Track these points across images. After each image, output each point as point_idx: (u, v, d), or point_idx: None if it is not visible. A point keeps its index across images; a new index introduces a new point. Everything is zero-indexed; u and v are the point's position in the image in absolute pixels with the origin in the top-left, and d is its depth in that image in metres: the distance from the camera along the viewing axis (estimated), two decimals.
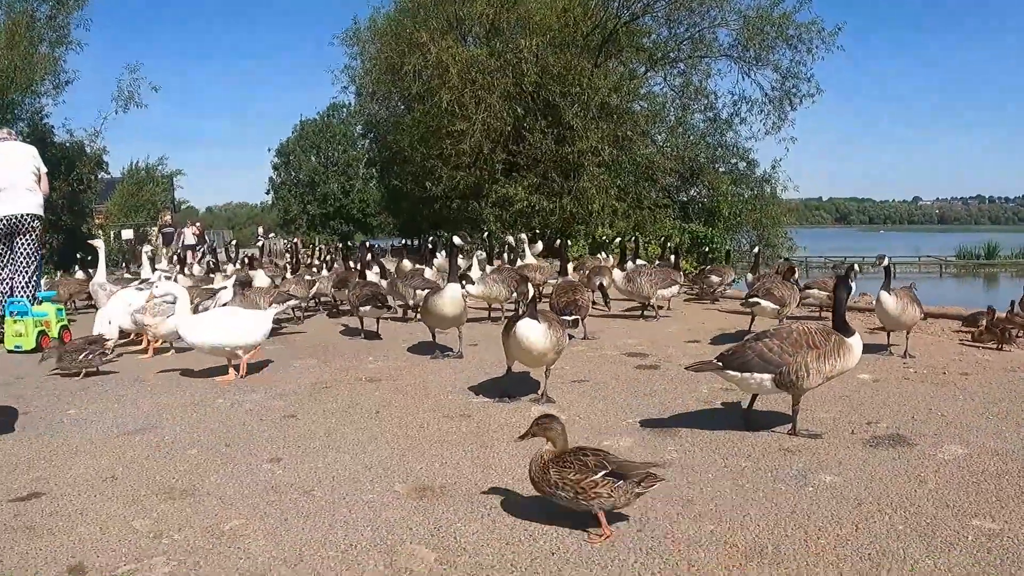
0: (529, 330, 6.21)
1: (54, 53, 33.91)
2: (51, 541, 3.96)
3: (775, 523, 4.07)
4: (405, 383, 7.56)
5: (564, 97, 29.20)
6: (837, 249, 63.90)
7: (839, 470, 4.88)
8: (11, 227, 10.29)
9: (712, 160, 34.84)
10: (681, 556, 3.69)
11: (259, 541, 3.93)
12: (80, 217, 36.16)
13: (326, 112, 65.34)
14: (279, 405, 6.76)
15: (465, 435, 5.76)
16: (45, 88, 34.28)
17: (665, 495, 4.45)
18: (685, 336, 10.28)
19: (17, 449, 5.60)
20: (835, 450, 5.27)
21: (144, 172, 47.70)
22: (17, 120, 31.73)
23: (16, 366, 8.81)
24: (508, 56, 29.65)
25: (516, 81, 29.43)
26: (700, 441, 5.52)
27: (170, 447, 5.59)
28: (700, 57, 34.19)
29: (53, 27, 33.82)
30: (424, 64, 29.71)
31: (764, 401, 6.47)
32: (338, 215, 62.76)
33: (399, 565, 3.64)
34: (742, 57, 33.62)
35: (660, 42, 34.55)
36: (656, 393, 6.99)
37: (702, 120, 35.40)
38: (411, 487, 4.69)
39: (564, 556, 3.70)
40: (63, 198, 32.81)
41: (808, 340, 5.43)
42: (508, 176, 30.63)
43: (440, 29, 30.68)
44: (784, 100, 33.77)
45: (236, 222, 70.52)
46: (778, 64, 33.26)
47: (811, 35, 31.81)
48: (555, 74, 29.31)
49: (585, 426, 5.95)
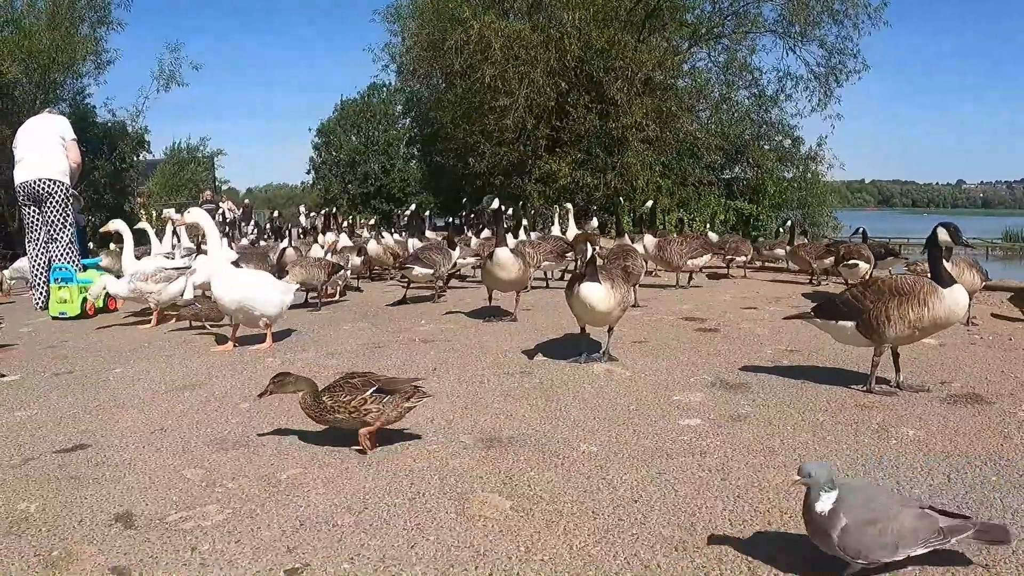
0: (591, 292, 6.03)
1: (95, 33, 33.92)
2: (97, 490, 3.82)
3: (864, 472, 3.90)
4: (460, 344, 7.40)
5: (607, 72, 28.92)
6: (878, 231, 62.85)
7: (920, 425, 4.69)
8: (34, 193, 10.25)
9: (757, 137, 34.35)
10: (771, 503, 3.51)
11: (319, 489, 3.78)
12: (122, 196, 36.28)
13: (367, 92, 65.23)
14: (332, 363, 6.61)
15: (528, 390, 5.59)
16: (87, 68, 34.28)
17: (746, 446, 4.30)
18: (741, 303, 10.06)
19: (61, 405, 5.50)
20: (913, 407, 5.07)
21: (186, 152, 47.86)
22: (59, 100, 31.80)
23: (61, 331, 8.76)
24: (551, 31, 29.41)
25: (559, 56, 29.13)
26: (772, 397, 5.34)
27: (220, 401, 5.48)
28: (744, 32, 33.65)
29: (94, 7, 33.76)
30: (466, 40, 29.43)
31: (839, 355, 6.29)
32: (378, 194, 62.63)
33: (472, 512, 3.48)
34: (787, 32, 33.06)
35: (704, 17, 34.10)
36: (720, 353, 6.80)
37: (747, 97, 34.90)
38: (477, 438, 4.52)
39: (648, 503, 3.53)
40: (105, 177, 32.93)
41: (893, 287, 5.19)
42: (551, 152, 30.41)
43: (482, 4, 30.44)
44: (830, 76, 33.16)
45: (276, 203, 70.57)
46: (824, 40, 32.68)
47: (857, 10, 31.21)
48: (598, 49, 29.03)
49: (651, 382, 5.78)
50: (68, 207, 10.44)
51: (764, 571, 2.92)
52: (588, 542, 3.17)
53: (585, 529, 3.29)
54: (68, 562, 3.01)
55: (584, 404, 5.19)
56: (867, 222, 12.22)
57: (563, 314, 8.67)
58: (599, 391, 5.55)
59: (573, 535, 3.23)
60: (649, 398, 5.34)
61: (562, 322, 8.06)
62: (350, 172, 65.07)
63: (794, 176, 34.44)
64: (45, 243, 10.44)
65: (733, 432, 4.56)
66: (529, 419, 4.89)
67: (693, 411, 5.01)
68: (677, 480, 3.80)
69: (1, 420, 5.15)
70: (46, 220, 10.34)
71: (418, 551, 3.11)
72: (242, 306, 7.18)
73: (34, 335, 8.56)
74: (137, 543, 3.19)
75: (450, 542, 3.18)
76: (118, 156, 35.64)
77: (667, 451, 4.24)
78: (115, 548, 3.16)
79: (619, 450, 4.25)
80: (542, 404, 5.22)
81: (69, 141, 10.72)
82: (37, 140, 10.50)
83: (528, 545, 3.15)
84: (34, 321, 9.53)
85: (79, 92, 35.20)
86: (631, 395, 5.42)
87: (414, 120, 50.22)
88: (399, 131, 62.19)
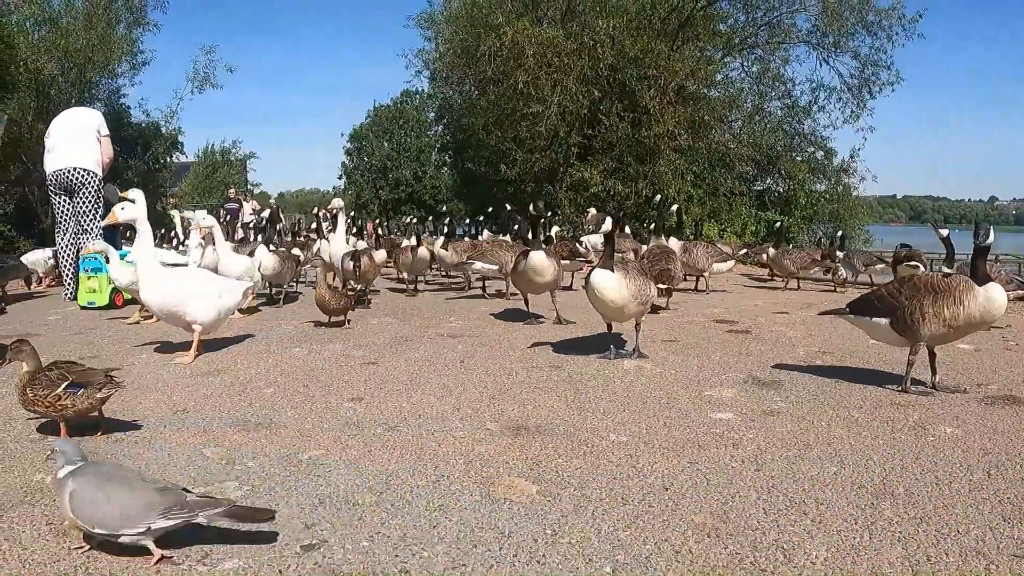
0: (600, 279, 5.92)
1: (131, 34, 34.17)
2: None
3: (901, 467, 3.76)
4: (488, 339, 7.33)
5: (640, 80, 28.78)
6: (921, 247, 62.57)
7: (958, 423, 4.56)
8: (66, 182, 10.20)
9: (789, 148, 34.08)
10: (806, 494, 3.39)
11: (340, 469, 3.70)
12: (155, 196, 36.48)
13: (399, 98, 65.43)
14: (359, 354, 6.55)
15: (556, 382, 5.50)
16: (122, 68, 34.54)
17: (780, 439, 4.19)
18: (772, 308, 9.93)
19: None
20: (950, 407, 4.94)
21: (219, 155, 48.16)
22: (95, 99, 32.02)
23: (89, 320, 8.73)
24: (584, 38, 29.31)
25: (592, 64, 29.03)
26: (806, 394, 5.22)
27: (244, 386, 5.42)
28: (778, 43, 33.41)
29: (130, 8, 34.04)
30: (499, 46, 29.37)
31: (873, 357, 6.18)
32: (410, 200, 62.77)
33: (497, 495, 3.38)
34: (820, 43, 32.78)
35: (737, 27, 33.93)
36: (751, 354, 6.68)
37: (779, 107, 34.62)
38: (504, 426, 4.43)
39: (679, 491, 3.43)
40: (138, 177, 33.13)
41: (929, 284, 5.07)
42: (583, 160, 30.29)
43: (515, 11, 30.41)
44: (863, 88, 32.84)
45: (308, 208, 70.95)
46: (857, 51, 32.37)
47: (891, 21, 30.89)
48: (631, 57, 28.89)
49: (682, 378, 5.68)
50: (100, 198, 10.42)
51: (800, 559, 2.81)
52: (617, 527, 3.06)
53: (614, 515, 3.18)
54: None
55: (614, 397, 5.09)
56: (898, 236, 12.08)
57: (592, 313, 8.59)
58: (629, 385, 5.44)
59: (602, 520, 3.13)
60: (680, 393, 5.23)
61: (591, 320, 7.95)
62: (381, 178, 65.27)
63: (826, 188, 34.19)
64: (76, 234, 10.41)
65: (766, 426, 4.45)
66: (557, 409, 4.79)
67: (725, 406, 4.91)
68: (709, 470, 3.69)
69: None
70: (77, 211, 10.30)
71: (440, 531, 3.01)
72: (171, 311, 6.33)
73: (62, 323, 8.54)
74: None
75: (473, 523, 3.09)
76: (151, 156, 35.88)
77: (699, 442, 4.13)
78: None
79: (649, 440, 4.14)
80: (571, 396, 5.12)
81: (103, 136, 10.72)
82: (71, 130, 10.47)
83: (555, 528, 3.05)
84: (62, 310, 9.52)
85: (114, 92, 35.43)
86: (662, 389, 5.32)
87: (446, 127, 50.23)
88: (431, 138, 62.24)
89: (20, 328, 8.00)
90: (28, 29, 28.54)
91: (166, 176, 39.15)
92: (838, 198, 34.08)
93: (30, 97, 27.17)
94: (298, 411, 4.75)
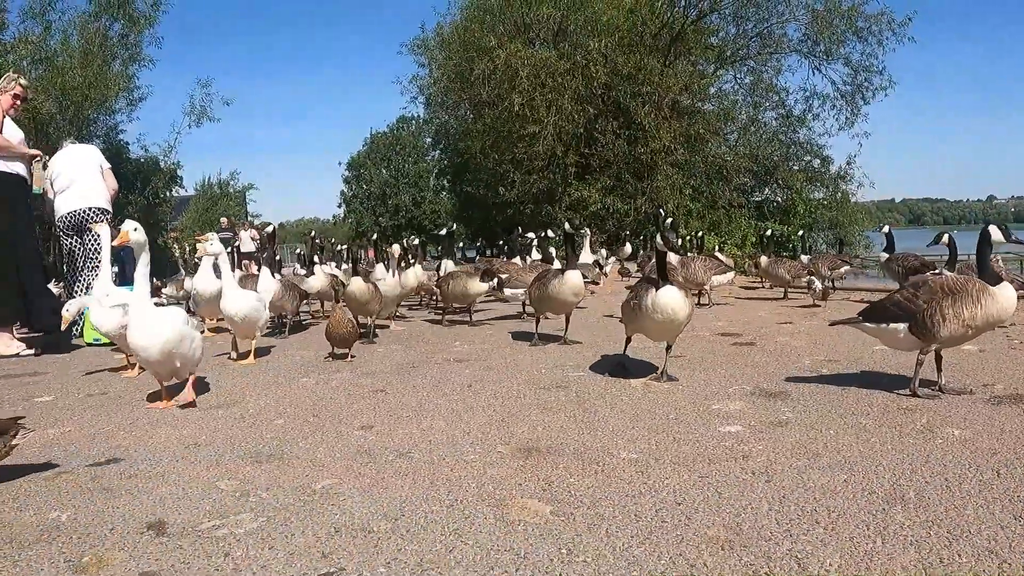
0: (672, 298, 5.74)
1: (127, 70, 34.43)
2: (129, 500, 3.76)
3: (911, 471, 3.78)
4: (494, 362, 7.36)
5: (635, 97, 28.98)
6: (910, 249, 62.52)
7: (965, 425, 4.59)
8: (80, 221, 10.26)
9: (786, 158, 34.23)
10: (817, 503, 3.41)
11: (354, 498, 3.71)
12: (155, 231, 36.62)
13: (396, 125, 65.82)
14: (367, 382, 6.58)
15: (565, 403, 5.52)
16: (119, 105, 34.81)
17: (789, 450, 4.20)
18: (776, 319, 9.97)
19: (95, 422, 5.47)
20: (956, 408, 4.97)
21: (217, 188, 48.23)
22: (93, 136, 32.25)
23: (96, 356, 8.75)
24: (577, 58, 29.55)
25: (586, 82, 29.26)
26: (813, 403, 5.25)
27: (255, 418, 5.43)
28: (769, 53, 33.68)
29: (125, 45, 34.33)
30: (493, 69, 29.59)
31: (879, 363, 6.19)
32: (409, 226, 63.04)
33: (512, 517, 3.40)
34: (812, 52, 33.09)
35: (728, 39, 34.19)
36: (757, 365, 6.72)
37: (774, 117, 34.83)
38: (515, 448, 4.45)
39: (691, 505, 3.44)
40: (138, 212, 33.26)
41: (945, 286, 5.11)
42: (581, 179, 30.44)
43: (508, 33, 30.66)
44: (856, 94, 33.13)
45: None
46: (849, 58, 32.68)
47: (881, 26, 31.19)
48: (625, 74, 29.11)
49: (689, 393, 5.70)
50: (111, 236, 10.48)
51: (814, 567, 2.83)
52: (631, 543, 3.08)
53: (628, 531, 3.20)
54: (98, 567, 2.96)
55: (622, 414, 5.11)
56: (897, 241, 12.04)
57: (597, 333, 8.63)
58: (637, 402, 5.47)
59: (616, 537, 3.15)
60: (688, 407, 5.25)
61: (597, 340, 8.01)
62: (381, 205, 65.56)
63: (824, 196, 34.29)
64: (85, 271, 10.44)
65: (775, 437, 4.47)
66: (567, 429, 4.81)
67: (733, 418, 4.93)
68: (720, 483, 3.71)
69: (34, 437, 5.12)
70: (88, 249, 10.34)
71: (457, 555, 3.03)
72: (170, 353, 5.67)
73: (69, 360, 8.57)
74: (169, 549, 3.14)
75: (490, 546, 3.11)
76: (151, 191, 36.05)
77: (709, 456, 4.15)
78: (146, 554, 3.10)
79: (660, 456, 4.16)
80: (580, 415, 5.14)
81: (106, 169, 10.81)
82: (80, 169, 10.53)
83: (570, 547, 3.07)
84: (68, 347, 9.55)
85: (112, 128, 35.77)
86: (669, 405, 5.34)
87: (443, 151, 50.50)
88: (429, 163, 62.56)
89: (27, 366, 8.06)
90: (25, 68, 28.68)
91: (166, 210, 39.33)
92: (836, 205, 34.23)
93: (28, 135, 27.32)
94: (309, 441, 4.77)
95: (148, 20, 34.33)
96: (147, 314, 5.63)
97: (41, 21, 31.52)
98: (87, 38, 32.01)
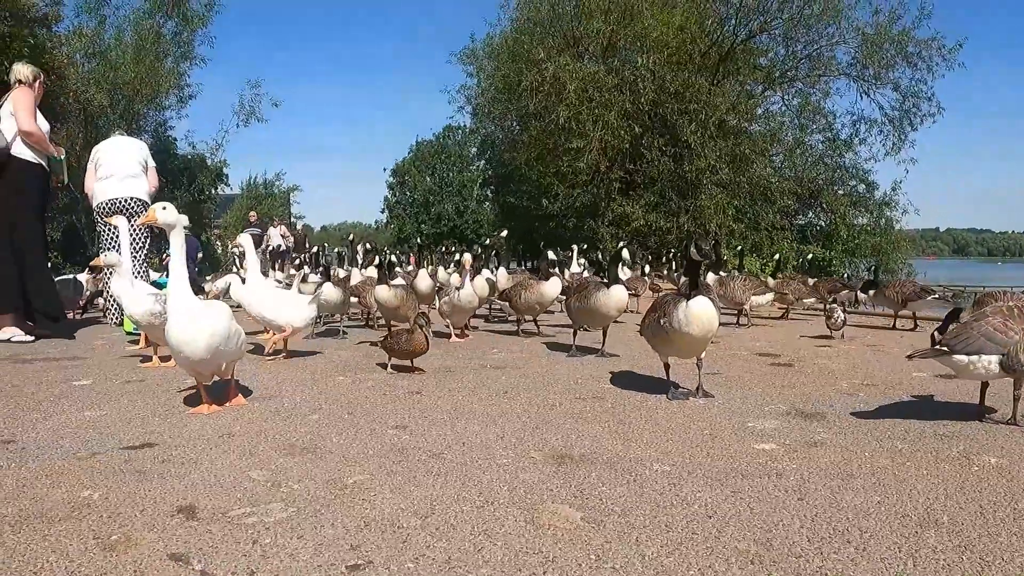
0: (704, 309, 5.54)
1: (178, 68, 34.88)
2: (161, 484, 3.82)
3: (946, 496, 3.74)
4: (531, 371, 7.37)
5: (681, 115, 28.90)
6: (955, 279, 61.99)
7: (1002, 453, 4.52)
8: (121, 210, 10.36)
9: (831, 182, 34.04)
10: (850, 523, 3.38)
11: (385, 494, 3.72)
12: (199, 227, 37.00)
13: (442, 133, 66.16)
14: (403, 384, 6.62)
15: (600, 413, 5.52)
16: (169, 101, 35.28)
17: (823, 470, 4.17)
18: (815, 341, 9.89)
19: (131, 407, 5.57)
20: (994, 437, 4.90)
21: (263, 187, 48.65)
22: (143, 131, 32.71)
23: (134, 345, 8.85)
24: (625, 74, 29.49)
25: (633, 99, 29.19)
26: (849, 426, 5.20)
27: (290, 412, 5.49)
28: (818, 76, 33.49)
29: (178, 43, 34.85)
30: (541, 81, 29.63)
31: (917, 389, 6.14)
32: (451, 235, 63.27)
33: (542, 522, 3.40)
34: (861, 75, 32.86)
35: (777, 61, 34.05)
36: (794, 386, 6.66)
37: (820, 140, 34.64)
38: (548, 454, 4.45)
39: (723, 519, 3.42)
40: (183, 208, 33.58)
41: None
42: (625, 195, 30.39)
43: (557, 47, 30.68)
44: (904, 120, 32.89)
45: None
46: (898, 83, 32.46)
47: (931, 52, 30.99)
48: (672, 92, 29.04)
49: (725, 409, 5.67)
50: (149, 229, 10.59)
51: None
52: (661, 553, 3.07)
53: (658, 541, 3.19)
54: (126, 546, 3.00)
55: (657, 427, 5.10)
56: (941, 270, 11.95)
57: (632, 347, 8.62)
58: (672, 416, 5.45)
59: (645, 546, 3.14)
60: (723, 424, 5.23)
61: (633, 354, 8.00)
62: (423, 212, 65.74)
63: (868, 222, 34.02)
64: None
65: (809, 456, 4.44)
66: (601, 439, 4.81)
67: (768, 436, 4.90)
68: (752, 499, 3.69)
69: (70, 418, 5.21)
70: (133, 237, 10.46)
71: (485, 555, 3.04)
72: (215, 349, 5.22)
73: (108, 347, 8.70)
74: (198, 533, 3.17)
75: (518, 548, 3.11)
76: (197, 188, 36.44)
77: (742, 472, 4.13)
78: (175, 536, 3.14)
79: (693, 470, 4.15)
80: (614, 426, 5.13)
81: (151, 168, 10.94)
82: (126, 159, 10.68)
83: (599, 554, 3.06)
84: (108, 336, 9.68)
85: (161, 124, 36.26)
86: (704, 421, 5.31)
87: (488, 162, 50.65)
88: (473, 173, 62.74)
89: (67, 351, 8.17)
90: (78, 61, 29.17)
91: (211, 208, 39.73)
92: (880, 231, 33.92)
93: (79, 127, 27.78)
94: (343, 437, 4.80)
95: (201, 20, 34.83)
96: (191, 306, 5.10)
97: (96, 16, 32.08)
98: (141, 34, 32.47)
